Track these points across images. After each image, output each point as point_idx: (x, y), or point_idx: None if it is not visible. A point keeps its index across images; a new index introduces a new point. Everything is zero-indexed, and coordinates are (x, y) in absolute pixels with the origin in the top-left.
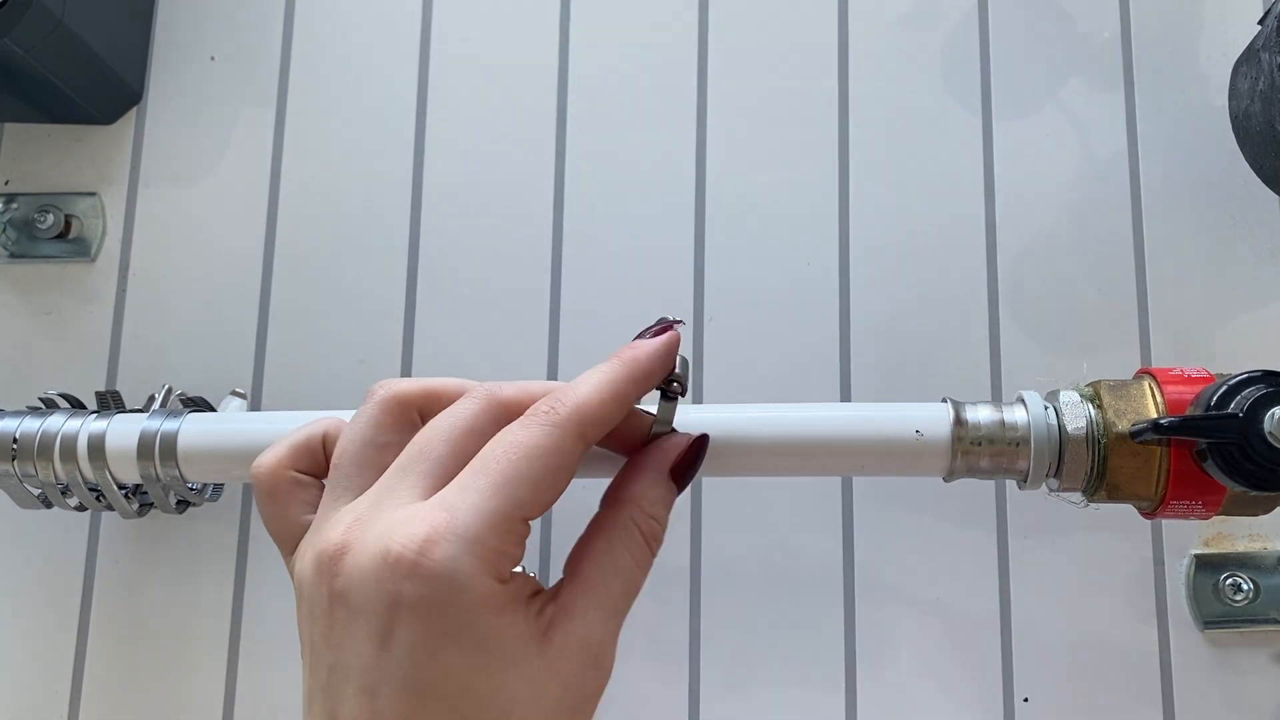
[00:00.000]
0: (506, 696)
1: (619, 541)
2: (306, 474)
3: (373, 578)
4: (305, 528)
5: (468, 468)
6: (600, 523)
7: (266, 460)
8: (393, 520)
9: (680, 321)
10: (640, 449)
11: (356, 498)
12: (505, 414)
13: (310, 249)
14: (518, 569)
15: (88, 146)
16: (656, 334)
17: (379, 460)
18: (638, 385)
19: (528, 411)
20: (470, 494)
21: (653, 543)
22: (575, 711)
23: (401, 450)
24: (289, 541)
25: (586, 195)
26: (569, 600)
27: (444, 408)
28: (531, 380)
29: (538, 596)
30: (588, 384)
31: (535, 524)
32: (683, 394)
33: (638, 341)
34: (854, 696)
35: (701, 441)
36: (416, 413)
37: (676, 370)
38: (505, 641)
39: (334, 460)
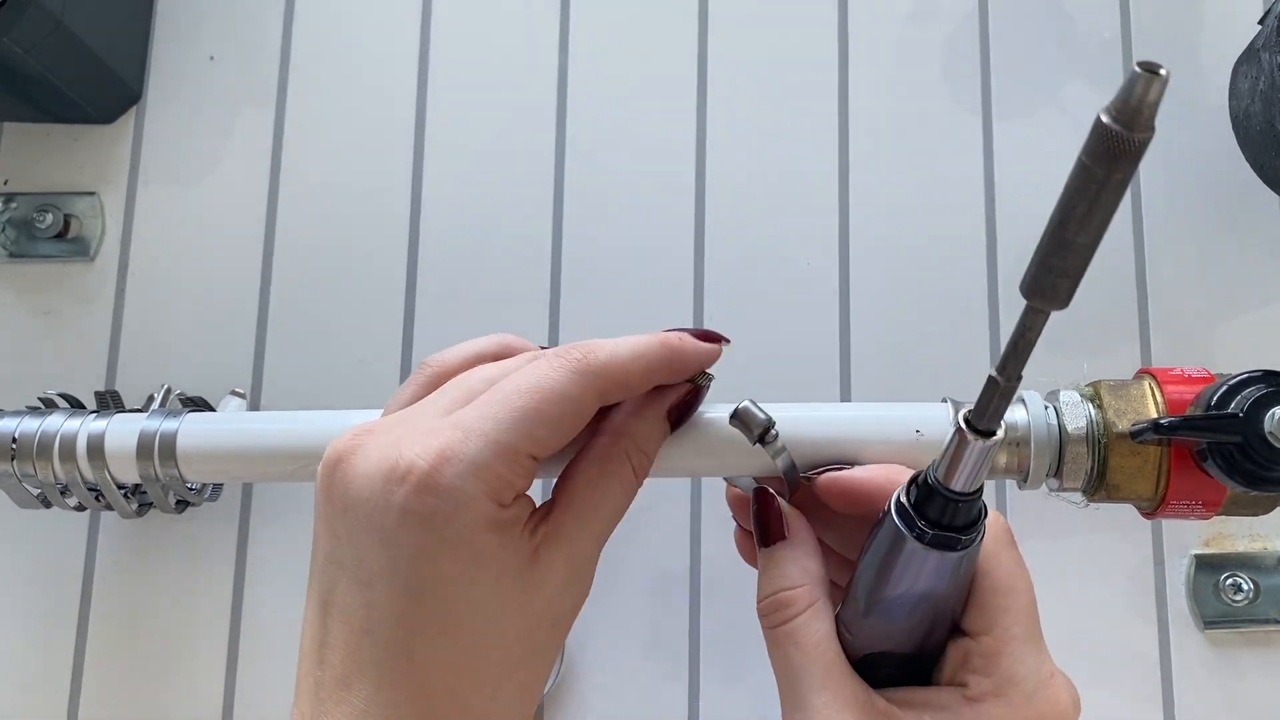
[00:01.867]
0: (498, 603)
1: (611, 471)
2: None
3: (381, 480)
4: None
5: (488, 391)
6: (593, 451)
7: (446, 358)
8: (412, 430)
9: (728, 341)
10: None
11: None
12: None
13: (310, 249)
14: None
15: (87, 146)
16: (703, 337)
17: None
18: (669, 369)
19: (557, 350)
20: (488, 423)
21: (640, 475)
22: (555, 624)
23: None
24: None
25: (586, 195)
26: (559, 522)
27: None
28: None
29: (533, 516)
30: (625, 345)
31: None
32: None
33: (685, 333)
34: None
35: (700, 389)
36: None
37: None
38: (500, 556)
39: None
